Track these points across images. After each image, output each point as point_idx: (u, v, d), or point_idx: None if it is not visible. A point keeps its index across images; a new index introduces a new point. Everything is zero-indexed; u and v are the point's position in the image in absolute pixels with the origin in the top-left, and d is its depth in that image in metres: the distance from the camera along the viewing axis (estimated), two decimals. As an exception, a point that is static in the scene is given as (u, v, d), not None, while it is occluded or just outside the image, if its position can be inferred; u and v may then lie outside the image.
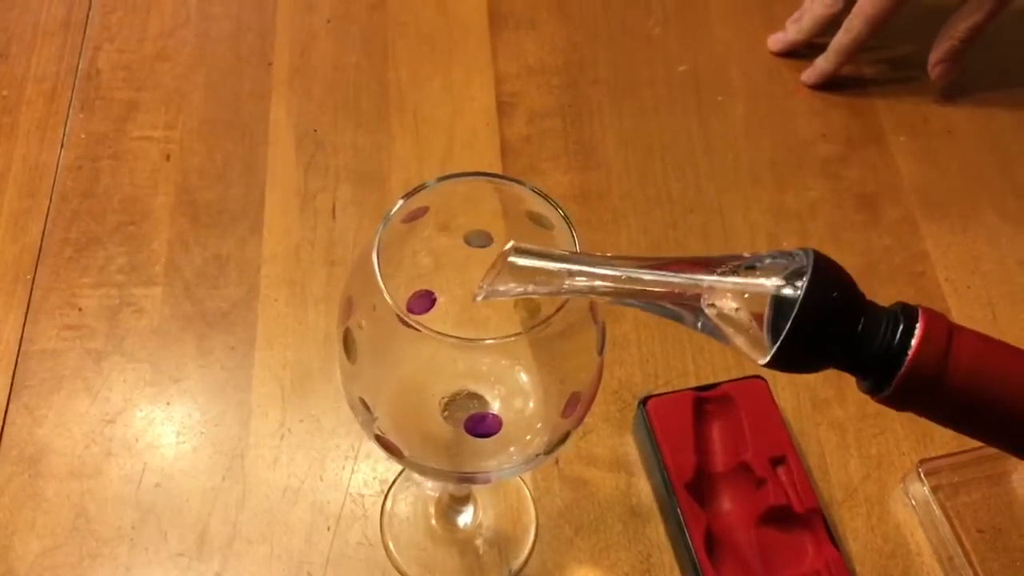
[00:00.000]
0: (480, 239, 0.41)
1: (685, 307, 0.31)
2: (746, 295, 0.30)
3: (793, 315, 0.29)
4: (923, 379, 0.29)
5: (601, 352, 0.37)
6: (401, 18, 0.74)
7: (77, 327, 0.58)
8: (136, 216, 0.62)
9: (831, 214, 0.66)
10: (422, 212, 0.38)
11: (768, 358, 0.29)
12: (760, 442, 0.54)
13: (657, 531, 0.54)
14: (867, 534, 0.55)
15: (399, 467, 0.55)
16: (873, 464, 0.57)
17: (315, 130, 0.67)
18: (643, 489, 0.55)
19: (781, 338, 0.29)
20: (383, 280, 0.34)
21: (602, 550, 0.53)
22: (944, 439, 0.58)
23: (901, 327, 0.29)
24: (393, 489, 0.54)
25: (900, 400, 0.30)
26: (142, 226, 0.62)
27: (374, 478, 0.54)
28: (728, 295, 0.30)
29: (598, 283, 0.32)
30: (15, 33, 0.70)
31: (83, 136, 0.66)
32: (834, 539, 0.52)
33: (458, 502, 0.52)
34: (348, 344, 0.36)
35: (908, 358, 0.29)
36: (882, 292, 0.62)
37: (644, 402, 0.55)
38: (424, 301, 0.43)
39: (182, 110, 0.68)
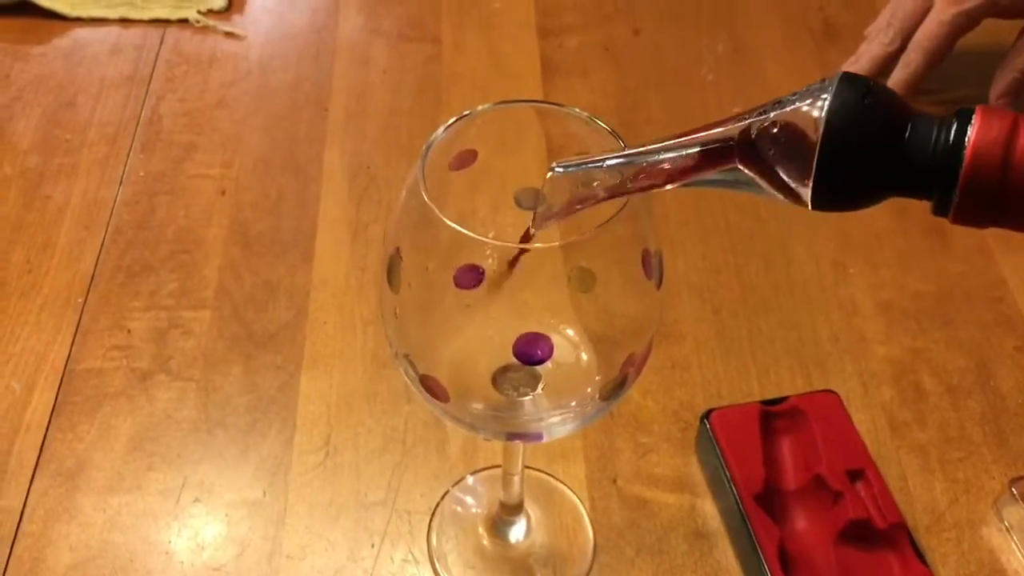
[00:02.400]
0: (531, 199, 0.39)
1: (724, 169, 0.29)
2: (775, 129, 0.27)
3: (822, 128, 0.26)
4: (990, 176, 0.25)
5: (659, 286, 0.35)
6: (455, 69, 0.75)
7: (124, 347, 0.57)
8: (189, 245, 0.62)
9: (899, 242, 0.64)
10: (471, 158, 0.37)
11: (810, 191, 0.27)
12: (835, 455, 0.50)
13: (726, 554, 0.50)
14: (958, 559, 0.50)
15: (447, 484, 0.52)
16: (960, 488, 0.53)
17: (368, 167, 0.67)
18: (709, 511, 0.51)
19: (815, 158, 0.26)
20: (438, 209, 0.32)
21: (666, 571, 0.49)
22: (1038, 459, 0.53)
23: (955, 125, 0.26)
24: (441, 505, 0.51)
25: (973, 209, 0.26)
26: (195, 255, 0.62)
27: (420, 495, 0.52)
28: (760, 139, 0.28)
29: (640, 170, 0.30)
30: (82, 86, 0.72)
31: (141, 174, 0.67)
32: (922, 556, 0.47)
33: (509, 512, 0.49)
34: (392, 273, 0.35)
35: (967, 153, 0.25)
36: (959, 318, 0.59)
37: (707, 415, 0.52)
38: (471, 275, 0.41)
39: (238, 151, 0.68)
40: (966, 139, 0.26)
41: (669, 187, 0.31)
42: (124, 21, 0.77)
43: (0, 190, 0.65)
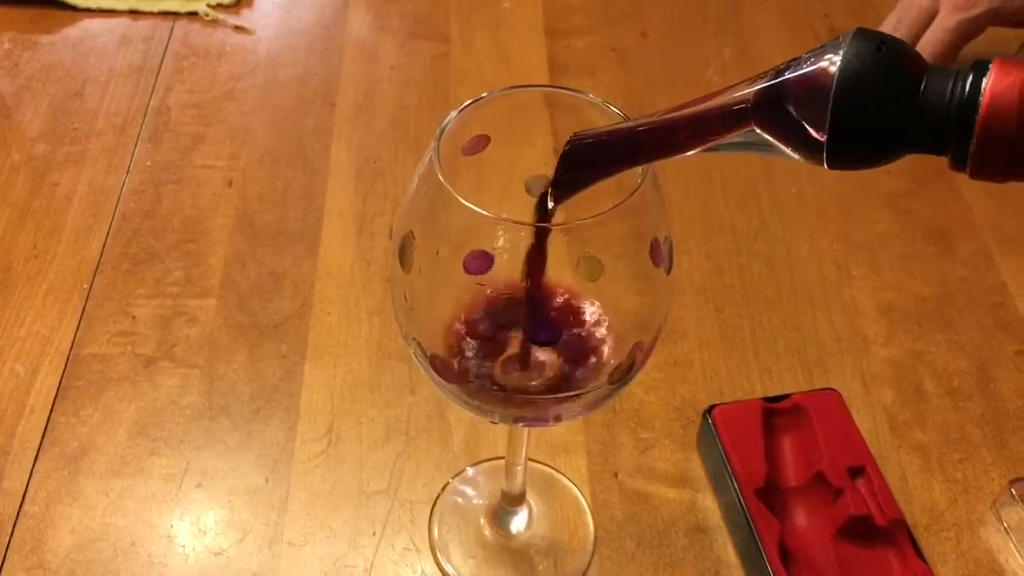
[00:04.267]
0: (543, 186, 0.40)
1: (741, 132, 0.29)
2: (790, 87, 0.28)
3: (836, 78, 0.26)
4: (1007, 124, 0.25)
5: (669, 272, 0.35)
6: (463, 67, 0.75)
7: (129, 333, 0.57)
8: (195, 235, 0.63)
9: (902, 245, 0.64)
10: (483, 143, 0.37)
11: (825, 145, 0.27)
12: (836, 452, 0.50)
13: (726, 549, 0.50)
14: (957, 560, 0.50)
15: (448, 475, 0.52)
16: (960, 489, 0.53)
17: (375, 161, 0.68)
18: (710, 506, 0.52)
19: (829, 109, 0.26)
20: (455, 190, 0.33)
21: (666, 565, 0.49)
22: (1037, 461, 0.53)
23: (971, 76, 0.26)
24: (442, 496, 0.51)
25: (991, 160, 0.26)
26: (200, 244, 0.62)
27: (422, 485, 0.52)
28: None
29: (657, 137, 0.31)
30: (91, 76, 0.73)
31: (149, 164, 0.67)
32: (921, 553, 0.48)
33: (510, 503, 0.49)
34: (404, 255, 0.35)
35: (983, 101, 0.25)
36: (960, 321, 0.60)
37: (709, 411, 0.52)
38: (481, 260, 0.42)
39: (246, 143, 0.69)
40: (982, 88, 0.26)
41: (690, 153, 0.31)
42: (134, 13, 0.77)
43: (8, 176, 0.66)
